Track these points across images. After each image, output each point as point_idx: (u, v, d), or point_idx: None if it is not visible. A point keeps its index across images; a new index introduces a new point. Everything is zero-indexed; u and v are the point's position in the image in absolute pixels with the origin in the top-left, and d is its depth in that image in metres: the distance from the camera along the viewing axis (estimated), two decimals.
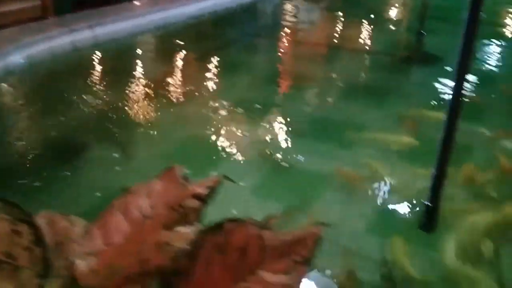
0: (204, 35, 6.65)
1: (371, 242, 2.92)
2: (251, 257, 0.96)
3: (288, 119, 4.42)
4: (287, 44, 6.59)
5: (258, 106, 4.58)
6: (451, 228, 2.78)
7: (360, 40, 6.57)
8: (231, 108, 4.61)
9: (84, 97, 4.63)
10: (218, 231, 0.97)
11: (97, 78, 5.15)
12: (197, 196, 0.93)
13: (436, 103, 4.59)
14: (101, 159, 3.81)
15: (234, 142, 4.06)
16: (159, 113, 4.57)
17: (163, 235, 0.93)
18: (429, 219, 2.58)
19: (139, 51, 6.02)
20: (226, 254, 0.96)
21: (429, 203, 2.55)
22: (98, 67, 5.46)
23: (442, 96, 4.77)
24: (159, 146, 4.04)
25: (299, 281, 0.95)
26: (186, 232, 0.89)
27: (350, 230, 3.10)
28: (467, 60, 2.15)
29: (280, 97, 4.99)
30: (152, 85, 5.03)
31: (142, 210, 0.99)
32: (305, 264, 0.97)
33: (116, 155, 3.86)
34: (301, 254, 0.98)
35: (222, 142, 4.08)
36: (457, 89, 2.21)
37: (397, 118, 4.42)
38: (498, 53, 5.99)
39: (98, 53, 5.61)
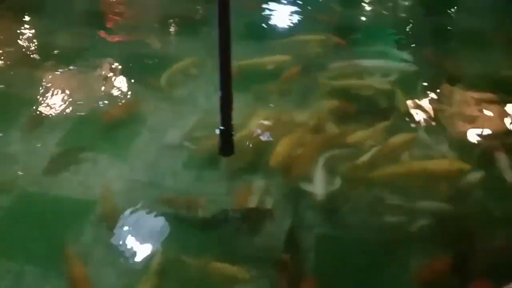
0: None
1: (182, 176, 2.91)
2: None
3: (89, 60, 4.07)
4: None
5: (57, 52, 4.14)
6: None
7: None
8: (29, 55, 4.12)
9: None
10: None
11: None
12: None
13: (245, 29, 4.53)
14: None
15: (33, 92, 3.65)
16: None
17: None
18: (224, 143, 2.50)
19: None
20: None
21: (222, 127, 2.45)
22: None
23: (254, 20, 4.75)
24: None
25: None
26: None
27: (160, 167, 3.00)
28: None
29: (87, 39, 4.53)
30: None
31: None
32: None
33: None
34: None
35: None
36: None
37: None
38: None
39: None
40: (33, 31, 4.52)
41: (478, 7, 4.91)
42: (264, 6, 5.01)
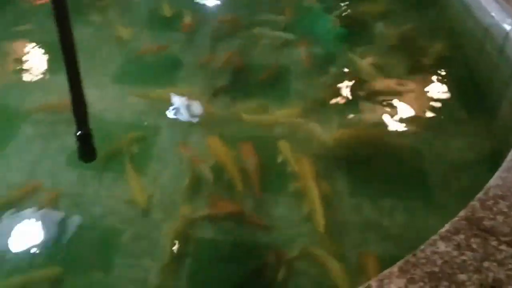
0: None
1: None
2: None
3: None
4: None
5: None
6: None
7: None
8: None
9: None
10: None
11: None
12: None
13: None
14: None
15: None
16: None
17: None
18: (84, 147, 2.28)
19: None
20: None
21: (80, 131, 2.22)
22: None
23: None
24: None
25: None
26: None
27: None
28: None
29: None
30: None
31: None
32: None
33: None
34: None
35: None
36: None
37: None
38: None
39: None
40: None
41: None
42: None
